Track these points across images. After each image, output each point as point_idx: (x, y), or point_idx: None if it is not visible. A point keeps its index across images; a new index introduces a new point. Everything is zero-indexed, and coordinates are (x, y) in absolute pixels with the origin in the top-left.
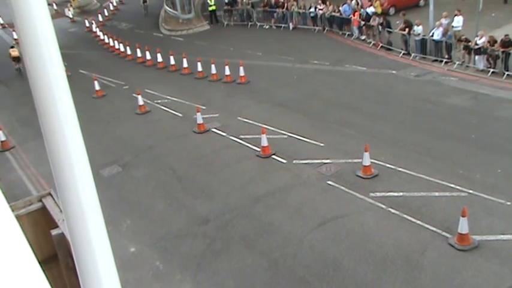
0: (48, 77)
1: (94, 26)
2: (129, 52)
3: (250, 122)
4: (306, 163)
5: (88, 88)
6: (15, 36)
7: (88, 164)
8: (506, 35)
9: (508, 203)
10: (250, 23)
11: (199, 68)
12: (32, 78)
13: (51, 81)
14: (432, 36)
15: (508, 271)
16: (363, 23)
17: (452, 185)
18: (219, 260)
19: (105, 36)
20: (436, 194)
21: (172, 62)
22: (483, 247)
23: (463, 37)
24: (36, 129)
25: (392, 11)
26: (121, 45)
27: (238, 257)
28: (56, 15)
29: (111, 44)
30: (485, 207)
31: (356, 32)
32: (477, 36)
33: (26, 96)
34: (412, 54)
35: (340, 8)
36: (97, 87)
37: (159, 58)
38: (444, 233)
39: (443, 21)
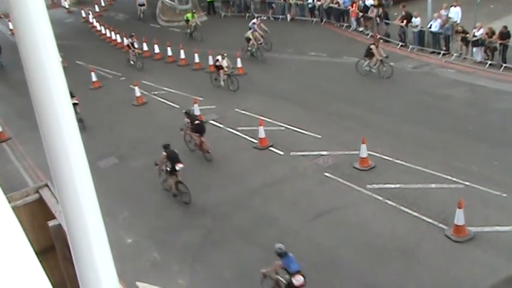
0: (44, 68)
1: (90, 16)
2: (126, 43)
3: (248, 113)
4: (303, 155)
5: (85, 79)
6: (11, 27)
7: (84, 155)
8: (504, 26)
9: (504, 195)
10: (247, 14)
11: (197, 59)
12: (28, 69)
13: (47, 72)
14: (430, 28)
15: (504, 262)
16: (361, 14)
17: (448, 177)
18: (216, 251)
19: (102, 27)
20: (433, 185)
21: (169, 53)
22: (479, 238)
23: (460, 29)
24: (33, 121)
25: (390, 2)
26: (118, 36)
27: (235, 248)
28: (52, 5)
29: (108, 34)
30: (482, 199)
31: (354, 24)
32: (475, 28)
33: (23, 87)
34: (410, 46)
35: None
36: (94, 79)
37: (156, 49)
38: (440, 225)
39: (443, 12)
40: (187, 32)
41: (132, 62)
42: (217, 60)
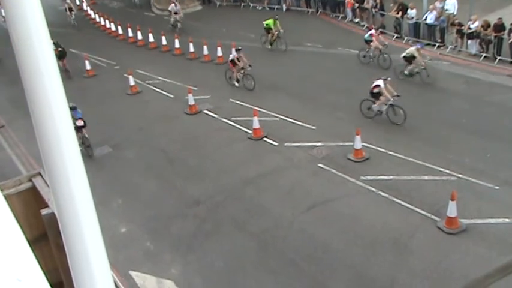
0: (36, 56)
1: (85, 4)
2: (120, 31)
3: (242, 104)
4: (297, 146)
5: (79, 67)
6: (3, 13)
7: (77, 143)
8: (499, 19)
9: (497, 187)
10: (243, 4)
11: (191, 49)
12: (19, 57)
13: (39, 59)
14: (425, 19)
15: (495, 254)
16: (356, 5)
17: (441, 169)
18: (209, 241)
19: (96, 15)
20: (426, 177)
21: (164, 42)
22: (471, 230)
23: (456, 21)
24: (27, 108)
25: None
26: (112, 24)
27: (228, 238)
28: None
29: (102, 23)
30: (474, 191)
31: (349, 15)
32: (470, 20)
33: (17, 74)
34: (405, 38)
35: None
36: (88, 67)
37: (151, 38)
38: (433, 217)
39: (438, 4)
40: (267, 41)
41: (237, 83)
42: (377, 86)
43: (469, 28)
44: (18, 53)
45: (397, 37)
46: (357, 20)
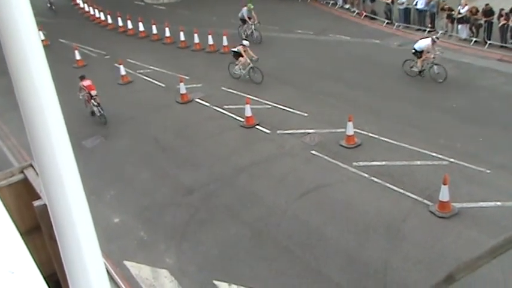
0: (23, 46)
1: None
2: (110, 21)
3: (234, 92)
4: (289, 133)
5: (68, 58)
6: None
7: (66, 133)
8: (487, 4)
9: (488, 171)
10: None
11: (182, 38)
12: (6, 48)
13: (26, 50)
14: (416, 5)
15: (486, 237)
16: None
17: (433, 154)
18: (203, 230)
19: (85, 5)
20: (418, 162)
21: (154, 31)
22: (463, 214)
23: (446, 6)
24: (16, 99)
25: None
26: (102, 13)
27: (222, 226)
28: None
29: (92, 12)
30: (466, 176)
31: (340, 1)
32: (460, 5)
33: (5, 64)
34: (396, 24)
35: None
36: (78, 57)
37: (141, 27)
38: (425, 201)
39: None
40: None
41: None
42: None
43: (459, 13)
44: (5, 43)
45: (387, 23)
46: (347, 6)
